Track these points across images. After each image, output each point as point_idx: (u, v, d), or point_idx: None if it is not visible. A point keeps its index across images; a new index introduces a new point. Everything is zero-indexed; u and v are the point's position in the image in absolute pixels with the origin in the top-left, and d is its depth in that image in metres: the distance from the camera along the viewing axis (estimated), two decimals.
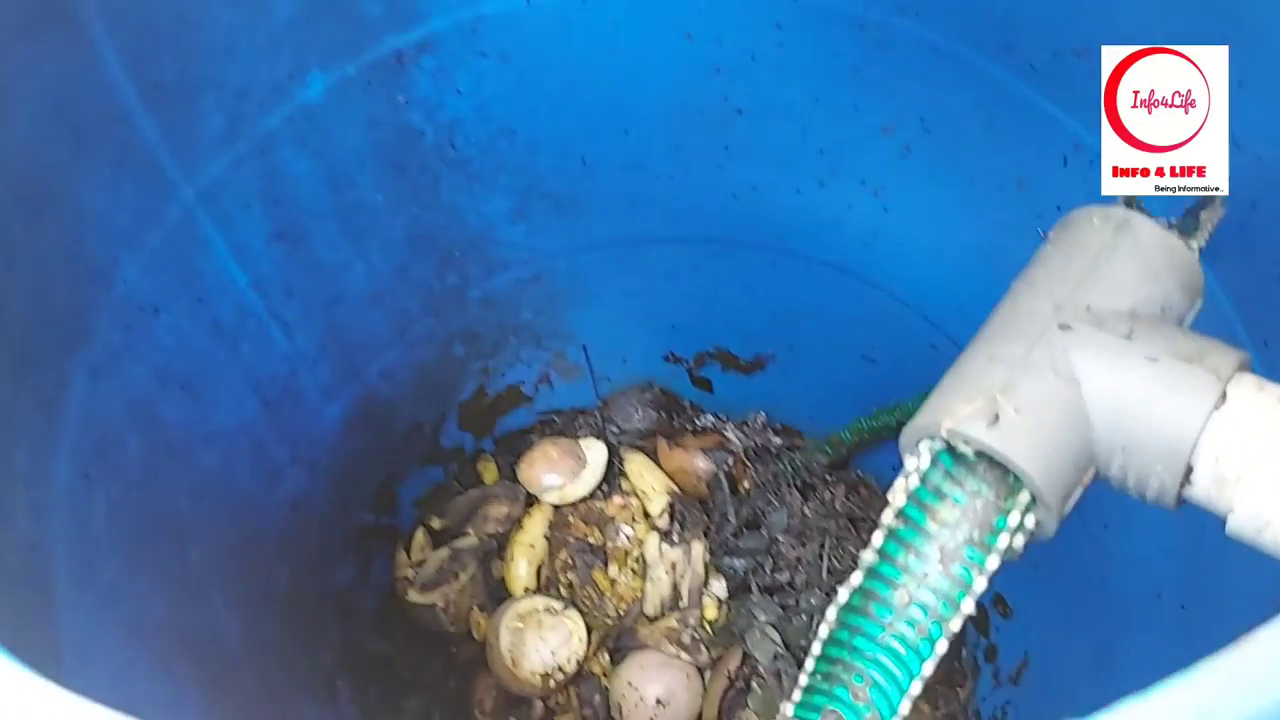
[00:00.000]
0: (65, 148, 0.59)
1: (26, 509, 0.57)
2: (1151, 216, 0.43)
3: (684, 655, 1.02)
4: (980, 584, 0.38)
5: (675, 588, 1.05)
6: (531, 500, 1.10)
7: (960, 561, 0.39)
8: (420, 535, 1.08)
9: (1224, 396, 0.36)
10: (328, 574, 0.99)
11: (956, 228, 0.81)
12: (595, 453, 1.10)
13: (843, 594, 0.40)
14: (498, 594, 1.08)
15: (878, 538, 0.39)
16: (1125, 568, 0.76)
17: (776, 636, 1.02)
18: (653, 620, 1.05)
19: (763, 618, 1.03)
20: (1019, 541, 0.38)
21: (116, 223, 0.65)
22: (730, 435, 1.11)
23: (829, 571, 1.05)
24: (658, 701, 1.00)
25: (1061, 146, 0.69)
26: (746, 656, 1.02)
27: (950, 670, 1.02)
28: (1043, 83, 0.67)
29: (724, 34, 0.76)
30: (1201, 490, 0.37)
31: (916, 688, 0.39)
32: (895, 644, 0.40)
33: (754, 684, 1.02)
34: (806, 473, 1.09)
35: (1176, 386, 0.37)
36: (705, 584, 1.06)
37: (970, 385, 0.38)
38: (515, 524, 1.09)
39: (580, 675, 1.04)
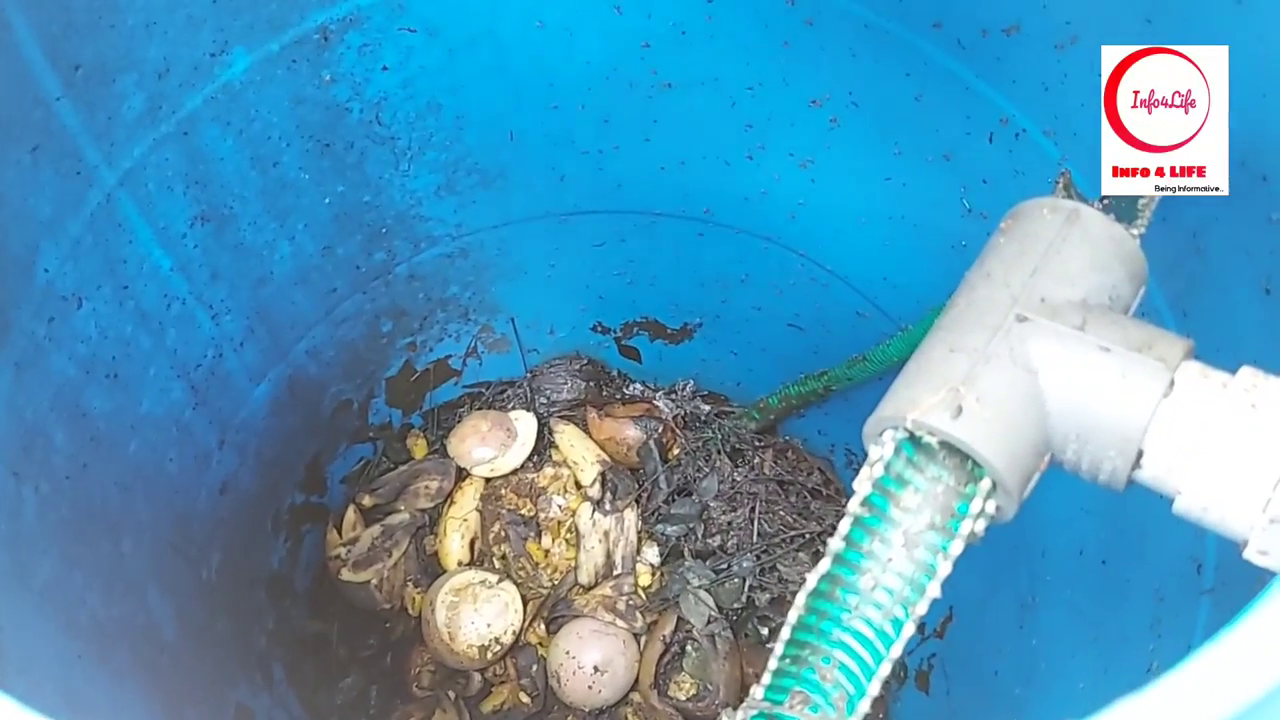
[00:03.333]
0: None
1: None
2: (1095, 207, 0.44)
3: (619, 622, 1.03)
4: (945, 568, 0.39)
5: (609, 556, 1.06)
6: (462, 474, 1.09)
7: (923, 546, 0.40)
8: (351, 513, 1.07)
9: (1172, 384, 0.38)
10: (259, 556, 0.98)
11: (883, 199, 0.83)
12: (525, 425, 1.10)
13: (811, 580, 0.41)
14: (431, 569, 1.08)
15: (845, 525, 0.41)
16: (1049, 526, 0.79)
17: (710, 600, 1.04)
18: (588, 589, 1.06)
19: (696, 582, 1.05)
20: (980, 526, 0.40)
21: (36, 211, 0.62)
22: (659, 404, 1.12)
23: (759, 534, 1.07)
24: (595, 669, 1.01)
25: (988, 122, 0.71)
26: (681, 621, 1.04)
27: None
28: (970, 59, 0.69)
29: (654, 8, 0.76)
30: (1151, 473, 0.39)
31: (885, 669, 0.41)
32: (861, 626, 0.41)
33: (689, 648, 1.04)
34: (735, 439, 1.11)
35: (1128, 375, 0.38)
36: (638, 551, 1.07)
37: (933, 376, 0.39)
38: (447, 498, 1.09)
39: (517, 646, 1.04)
